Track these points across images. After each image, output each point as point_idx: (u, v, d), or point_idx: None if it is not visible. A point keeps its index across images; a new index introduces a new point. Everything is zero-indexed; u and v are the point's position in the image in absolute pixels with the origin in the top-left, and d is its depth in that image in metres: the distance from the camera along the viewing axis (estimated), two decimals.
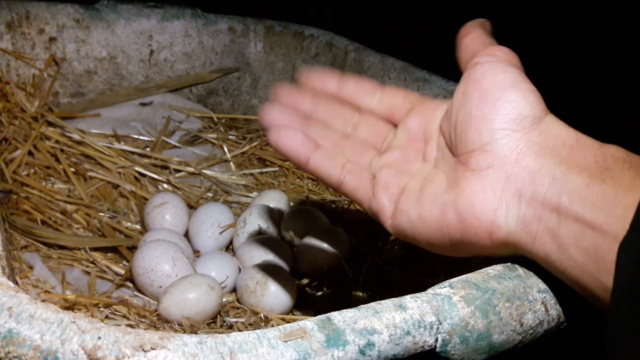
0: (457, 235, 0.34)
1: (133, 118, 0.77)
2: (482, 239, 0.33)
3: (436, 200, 0.35)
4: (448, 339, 0.29)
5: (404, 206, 0.37)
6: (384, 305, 0.29)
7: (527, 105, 0.33)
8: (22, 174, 0.62)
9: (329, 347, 0.26)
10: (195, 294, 0.48)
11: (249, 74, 0.86)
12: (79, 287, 0.52)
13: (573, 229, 0.29)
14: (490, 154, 0.33)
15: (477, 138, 0.34)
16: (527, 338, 0.31)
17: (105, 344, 0.24)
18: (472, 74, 0.35)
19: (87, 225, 0.60)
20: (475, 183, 0.33)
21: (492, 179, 0.33)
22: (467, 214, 0.33)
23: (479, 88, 0.34)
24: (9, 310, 0.24)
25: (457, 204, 0.34)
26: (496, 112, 0.33)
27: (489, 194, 0.33)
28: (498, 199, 0.32)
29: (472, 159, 0.34)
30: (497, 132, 0.33)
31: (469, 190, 0.33)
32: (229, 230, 0.59)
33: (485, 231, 0.33)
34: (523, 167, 0.32)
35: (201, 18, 0.83)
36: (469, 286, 0.31)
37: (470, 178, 0.34)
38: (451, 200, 0.34)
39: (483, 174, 0.33)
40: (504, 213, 0.32)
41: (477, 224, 0.33)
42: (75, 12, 0.76)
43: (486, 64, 0.35)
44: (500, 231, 0.32)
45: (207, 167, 0.72)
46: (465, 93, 0.35)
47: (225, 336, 0.25)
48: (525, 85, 0.34)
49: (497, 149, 0.33)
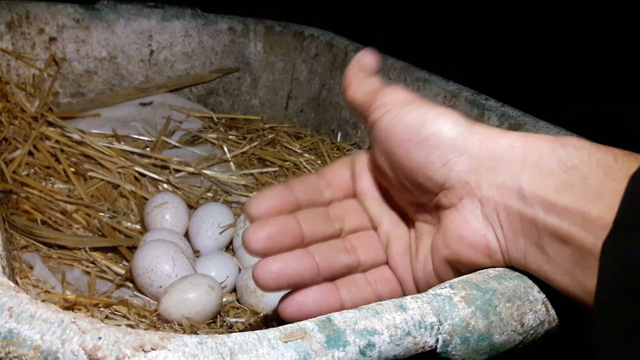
0: (464, 268, 0.33)
1: (133, 118, 0.77)
2: (484, 263, 0.33)
3: (432, 249, 0.35)
4: (449, 339, 0.29)
5: (415, 274, 0.36)
6: (384, 306, 0.29)
7: (448, 128, 0.32)
8: (22, 174, 0.62)
9: (330, 347, 0.26)
10: (195, 294, 0.48)
11: (249, 74, 0.86)
12: (79, 287, 0.52)
13: (554, 242, 0.29)
14: (454, 189, 0.32)
15: (432, 184, 0.33)
16: (528, 338, 0.31)
17: (106, 344, 0.24)
18: (378, 132, 0.34)
19: (87, 225, 0.60)
20: (456, 217, 0.33)
21: (469, 207, 0.32)
22: (460, 248, 0.33)
23: (395, 143, 0.33)
24: (9, 310, 0.24)
25: (448, 241, 0.33)
26: (427, 153, 0.32)
27: (472, 222, 0.32)
28: (483, 223, 0.32)
29: (442, 200, 0.33)
30: (443, 169, 0.32)
31: (453, 225, 0.33)
32: (229, 230, 0.59)
33: (483, 256, 0.32)
34: (487, 186, 0.31)
35: (201, 18, 0.82)
36: (470, 286, 0.31)
37: (449, 215, 0.33)
38: (441, 241, 0.34)
39: (459, 207, 0.33)
40: (493, 235, 0.32)
41: (473, 253, 0.33)
42: (75, 12, 0.76)
43: (383, 116, 0.34)
44: (497, 253, 0.32)
45: (207, 167, 0.72)
46: (385, 152, 0.34)
47: (226, 336, 0.25)
48: (433, 112, 0.33)
49: (456, 182, 0.32)
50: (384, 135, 0.34)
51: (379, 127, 0.34)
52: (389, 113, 0.34)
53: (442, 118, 0.32)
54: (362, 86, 0.36)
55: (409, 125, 0.33)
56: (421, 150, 0.32)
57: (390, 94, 0.34)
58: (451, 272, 0.34)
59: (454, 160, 0.32)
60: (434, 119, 0.32)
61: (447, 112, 0.33)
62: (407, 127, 0.33)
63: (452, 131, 0.32)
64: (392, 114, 0.33)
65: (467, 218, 0.32)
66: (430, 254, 0.35)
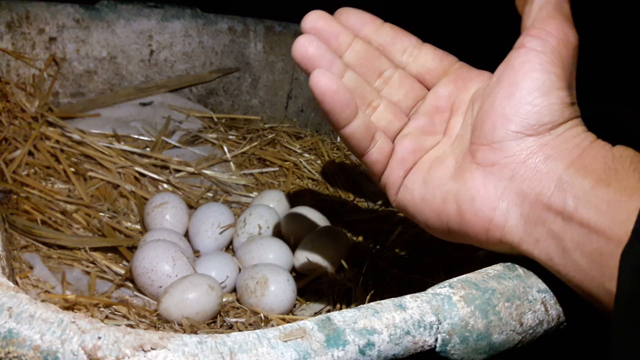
0: (455, 226, 0.34)
1: (133, 118, 0.77)
2: (478, 234, 0.33)
3: (440, 186, 0.35)
4: (448, 338, 0.29)
5: (410, 184, 0.36)
6: (383, 305, 0.29)
7: (549, 113, 0.32)
8: (22, 174, 0.62)
9: (329, 347, 0.26)
10: (195, 294, 0.48)
11: (249, 74, 0.86)
12: (79, 287, 0.52)
13: (578, 233, 0.29)
14: (497, 152, 0.33)
15: (489, 133, 0.33)
16: (526, 338, 0.31)
17: (105, 344, 0.24)
18: (514, 58, 0.34)
19: (87, 225, 0.60)
20: (478, 178, 0.33)
21: (496, 176, 0.32)
22: (466, 208, 0.33)
23: (512, 79, 0.33)
24: (9, 310, 0.24)
25: (458, 195, 0.33)
26: (517, 113, 0.32)
27: (490, 191, 0.32)
28: (499, 198, 0.32)
29: (479, 152, 0.33)
30: (511, 134, 0.32)
31: (472, 184, 0.33)
32: (229, 230, 0.59)
33: (482, 228, 0.33)
34: (530, 167, 0.31)
35: (201, 18, 0.82)
36: (469, 286, 0.31)
37: (475, 171, 0.33)
38: (453, 190, 0.34)
39: (487, 170, 0.33)
40: (503, 213, 0.32)
41: (475, 220, 0.33)
42: (75, 12, 0.76)
43: (530, 52, 0.33)
44: (498, 230, 0.32)
45: (207, 167, 0.72)
46: (499, 79, 0.34)
47: (225, 336, 0.25)
48: (557, 92, 0.32)
49: (506, 149, 0.32)
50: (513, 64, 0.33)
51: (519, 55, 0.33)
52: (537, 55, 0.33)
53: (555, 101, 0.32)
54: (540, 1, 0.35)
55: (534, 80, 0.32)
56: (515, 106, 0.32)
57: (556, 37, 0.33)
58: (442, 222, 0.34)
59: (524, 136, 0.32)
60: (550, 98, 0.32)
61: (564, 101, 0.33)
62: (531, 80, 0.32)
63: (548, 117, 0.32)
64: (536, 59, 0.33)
65: (488, 185, 0.32)
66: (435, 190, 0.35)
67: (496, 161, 0.33)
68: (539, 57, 0.33)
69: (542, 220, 0.31)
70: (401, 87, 0.40)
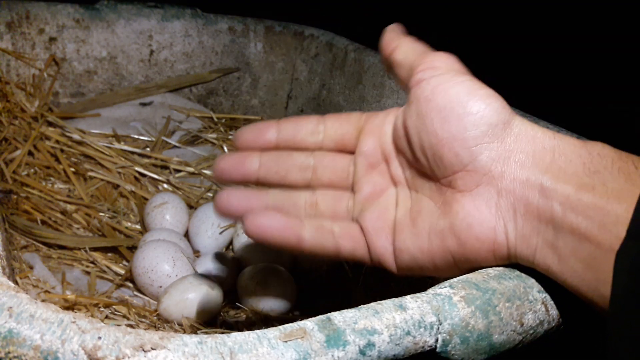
0: (462, 259, 0.33)
1: (133, 118, 0.77)
2: (486, 258, 0.33)
3: (432, 229, 0.34)
4: (448, 339, 0.29)
5: (402, 244, 0.36)
6: (384, 306, 0.29)
7: (492, 112, 0.32)
8: (22, 174, 0.62)
9: (329, 347, 0.26)
10: (195, 294, 0.48)
11: (249, 74, 0.86)
12: (79, 287, 0.52)
13: (570, 240, 0.29)
14: (474, 173, 0.32)
15: (455, 160, 0.32)
16: (527, 338, 0.31)
17: (106, 344, 0.24)
18: (420, 92, 0.34)
19: (87, 225, 0.60)
20: (468, 204, 0.32)
21: (484, 196, 0.32)
22: (466, 237, 0.32)
23: (435, 108, 0.33)
24: (9, 310, 0.24)
25: (455, 228, 0.33)
26: (464, 129, 0.32)
27: (484, 212, 0.32)
28: (495, 216, 0.32)
29: (458, 181, 0.33)
30: (474, 149, 0.32)
31: (464, 212, 0.32)
32: (229, 230, 0.59)
33: (487, 250, 0.32)
34: (510, 179, 0.31)
35: (201, 18, 0.82)
36: (469, 286, 0.31)
37: (462, 199, 0.33)
38: (447, 226, 0.33)
39: (474, 193, 0.32)
40: (502, 229, 0.32)
41: (478, 245, 0.32)
42: (75, 12, 0.76)
43: (431, 79, 0.33)
44: (503, 248, 0.32)
45: (207, 167, 0.72)
46: (420, 114, 0.33)
47: (225, 336, 0.25)
48: (482, 91, 0.33)
49: (480, 166, 0.32)
50: (426, 97, 0.33)
51: (423, 87, 0.33)
52: (439, 77, 0.33)
53: (489, 99, 0.32)
54: (409, 46, 0.36)
55: (456, 95, 0.32)
56: (459, 124, 0.32)
57: (443, 59, 0.34)
58: (449, 261, 0.34)
59: (487, 145, 0.32)
60: (482, 98, 0.32)
61: (495, 95, 0.33)
62: (454, 97, 0.32)
63: (495, 117, 0.32)
64: (441, 79, 0.33)
65: (480, 207, 0.32)
66: (430, 235, 0.34)
67: (478, 181, 0.32)
68: (441, 77, 0.33)
69: (536, 231, 0.30)
70: (326, 168, 0.40)
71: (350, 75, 0.76)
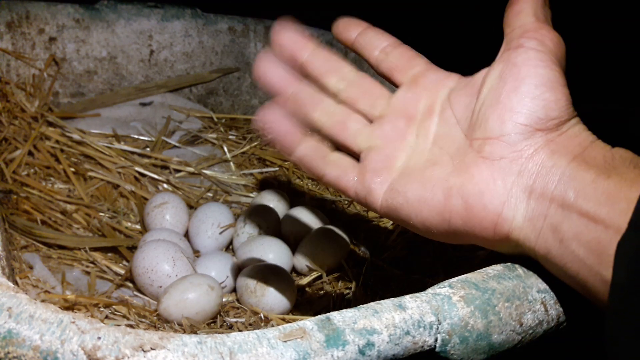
0: (459, 222, 0.33)
1: (133, 118, 0.77)
2: (485, 230, 0.33)
3: (440, 183, 0.34)
4: (447, 338, 0.29)
5: (401, 187, 0.36)
6: (383, 305, 0.29)
7: (557, 108, 0.32)
8: (22, 174, 0.62)
9: (329, 347, 0.26)
10: (195, 294, 0.48)
11: (249, 74, 0.86)
12: (79, 287, 0.52)
13: (576, 223, 0.29)
14: (506, 146, 0.32)
15: (497, 126, 0.33)
16: (526, 338, 0.31)
17: (105, 344, 0.24)
18: (514, 56, 0.34)
19: (87, 225, 0.60)
20: (486, 171, 0.33)
21: (504, 170, 0.32)
22: (474, 202, 0.32)
23: (515, 75, 0.33)
24: (9, 310, 0.24)
25: (465, 189, 0.33)
26: (525, 106, 0.32)
27: (499, 185, 0.32)
28: (508, 192, 0.32)
29: (486, 147, 0.33)
30: (520, 127, 0.32)
31: (479, 177, 0.33)
32: (229, 230, 0.59)
33: (490, 222, 0.32)
34: (537, 163, 0.32)
35: (201, 18, 0.82)
36: (469, 286, 0.31)
37: (482, 165, 0.33)
38: (458, 185, 0.33)
39: (495, 164, 0.32)
40: (512, 207, 0.32)
41: (483, 214, 0.32)
42: (75, 12, 0.76)
43: (531, 50, 0.33)
44: (506, 225, 0.32)
45: (207, 167, 0.72)
46: (501, 75, 0.34)
47: (225, 336, 0.25)
48: (562, 88, 0.33)
49: (515, 142, 0.32)
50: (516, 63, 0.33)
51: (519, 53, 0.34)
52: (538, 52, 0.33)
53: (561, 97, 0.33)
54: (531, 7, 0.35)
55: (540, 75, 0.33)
56: (523, 101, 0.33)
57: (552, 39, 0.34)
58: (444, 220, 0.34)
59: (532, 129, 0.32)
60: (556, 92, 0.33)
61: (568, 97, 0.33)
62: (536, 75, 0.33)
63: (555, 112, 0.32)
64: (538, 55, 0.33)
65: (496, 178, 0.32)
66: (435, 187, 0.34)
67: (504, 155, 0.32)
68: (540, 55, 0.33)
69: (543, 214, 0.31)
70: (361, 86, 0.40)
71: None
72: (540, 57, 0.33)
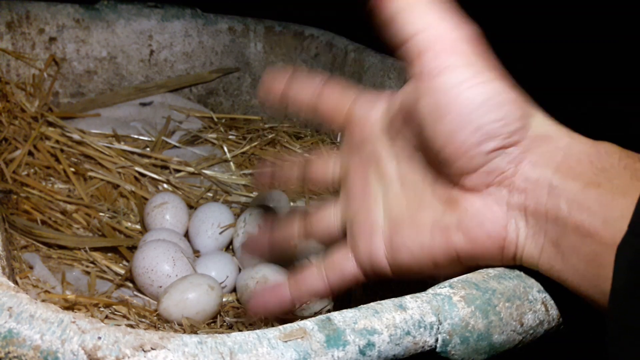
0: (468, 256, 0.32)
1: (133, 118, 0.77)
2: (494, 257, 0.32)
3: (435, 225, 0.33)
4: (448, 339, 0.29)
5: (400, 241, 0.35)
6: (384, 305, 0.29)
7: (515, 119, 0.31)
8: (22, 174, 0.62)
9: (329, 347, 0.26)
10: (195, 294, 0.48)
11: (249, 74, 0.86)
12: (79, 287, 0.52)
13: (573, 237, 0.29)
14: (487, 174, 0.31)
15: (469, 163, 0.31)
16: (527, 338, 0.31)
17: (105, 344, 0.24)
18: (439, 85, 0.31)
19: (87, 225, 0.60)
20: (478, 202, 0.32)
21: (495, 195, 0.31)
22: (476, 234, 0.32)
23: (455, 109, 0.31)
24: (9, 310, 0.24)
25: (463, 225, 0.32)
26: (482, 136, 0.31)
27: (496, 210, 0.31)
28: (506, 214, 0.31)
29: (467, 181, 0.32)
30: (490, 154, 0.31)
31: (474, 210, 0.32)
32: (229, 230, 0.59)
33: (497, 248, 0.32)
34: (522, 179, 0.31)
35: (201, 18, 0.82)
36: (469, 286, 0.31)
37: (472, 198, 0.32)
38: (454, 223, 0.32)
39: (484, 193, 0.32)
40: (514, 228, 0.31)
41: (489, 243, 0.32)
42: (75, 12, 0.76)
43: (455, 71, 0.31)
44: (512, 247, 0.32)
45: (207, 167, 0.72)
46: (437, 107, 0.31)
47: (225, 336, 0.25)
48: (507, 95, 0.31)
49: (494, 168, 0.31)
50: (445, 89, 0.31)
51: (443, 80, 0.31)
52: (458, 74, 0.31)
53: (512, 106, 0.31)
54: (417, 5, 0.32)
55: (479, 97, 0.30)
56: (479, 130, 0.30)
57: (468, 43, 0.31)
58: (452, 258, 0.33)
59: (507, 150, 0.31)
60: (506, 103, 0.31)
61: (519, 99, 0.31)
62: (476, 99, 0.30)
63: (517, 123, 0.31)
64: (465, 73, 0.31)
65: (491, 206, 0.31)
66: (432, 231, 0.33)
67: (490, 182, 0.31)
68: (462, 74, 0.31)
69: (543, 230, 0.30)
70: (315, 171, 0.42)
71: (350, 75, 0.76)
72: (468, 76, 0.31)
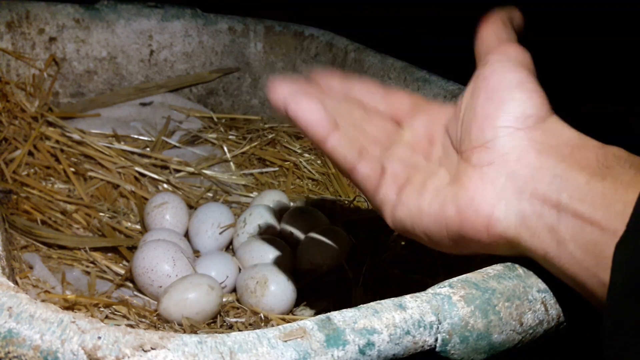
0: (455, 228, 0.34)
1: (133, 118, 0.77)
2: (479, 233, 0.33)
3: (437, 193, 0.35)
4: (448, 338, 0.29)
5: (405, 198, 0.37)
6: (383, 305, 0.29)
7: (531, 105, 0.33)
8: (22, 174, 0.62)
9: (329, 346, 0.26)
10: (195, 294, 0.48)
11: (249, 74, 0.86)
12: (79, 287, 0.52)
13: (572, 225, 0.29)
14: (492, 151, 0.33)
15: (480, 135, 0.34)
16: (526, 338, 0.31)
17: (105, 344, 0.24)
18: (482, 72, 0.36)
19: (87, 225, 0.60)
20: (476, 178, 0.34)
21: (493, 175, 0.33)
22: (465, 207, 0.33)
23: (486, 86, 0.35)
24: (9, 310, 0.24)
25: (457, 197, 0.34)
26: (500, 110, 0.34)
27: (489, 189, 0.33)
28: (498, 195, 0.33)
29: (474, 156, 0.34)
30: (500, 129, 0.33)
31: (469, 184, 0.34)
32: (229, 230, 0.59)
33: (482, 225, 0.33)
34: (524, 164, 0.32)
35: (201, 18, 0.83)
36: (469, 286, 0.31)
37: (472, 173, 0.34)
38: (451, 194, 0.34)
39: (484, 170, 0.33)
40: (503, 209, 0.32)
41: (474, 217, 0.33)
42: (75, 12, 0.76)
43: (496, 62, 0.35)
44: (499, 225, 0.32)
45: (207, 167, 0.72)
46: (473, 92, 0.36)
47: (225, 336, 0.25)
48: (531, 85, 0.34)
49: (499, 146, 0.33)
50: (484, 76, 0.35)
51: (486, 68, 0.35)
52: (502, 63, 0.35)
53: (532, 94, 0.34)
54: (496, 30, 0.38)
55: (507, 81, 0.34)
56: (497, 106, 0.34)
57: (514, 50, 0.36)
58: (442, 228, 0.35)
59: (513, 130, 0.33)
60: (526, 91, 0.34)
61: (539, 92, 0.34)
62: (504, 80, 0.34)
63: (531, 109, 0.33)
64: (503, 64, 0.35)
65: (486, 183, 0.33)
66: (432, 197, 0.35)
67: (492, 160, 0.33)
68: (504, 64, 0.35)
69: (538, 214, 0.31)
70: (373, 124, 0.41)
71: None
72: (505, 65, 0.35)
